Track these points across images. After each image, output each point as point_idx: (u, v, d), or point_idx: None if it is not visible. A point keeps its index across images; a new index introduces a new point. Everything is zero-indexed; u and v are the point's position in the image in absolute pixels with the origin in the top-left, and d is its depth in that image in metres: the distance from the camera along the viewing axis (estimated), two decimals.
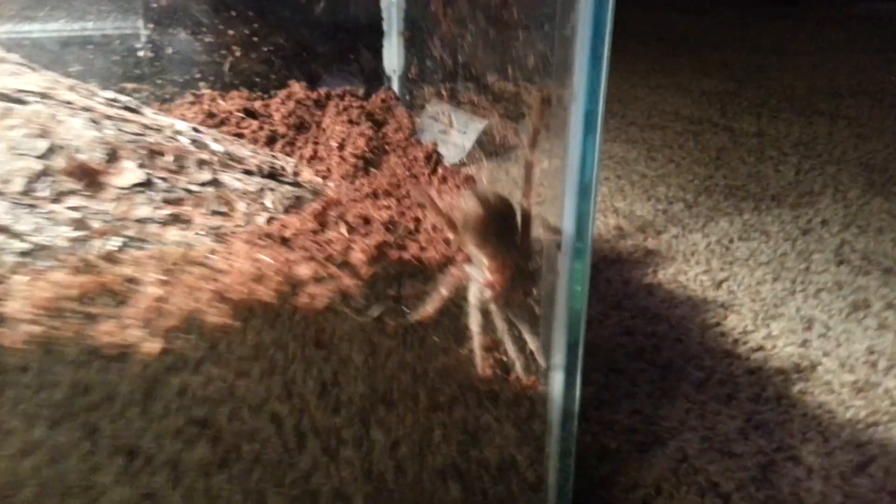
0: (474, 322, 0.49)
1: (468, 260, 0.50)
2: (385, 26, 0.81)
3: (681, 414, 0.73)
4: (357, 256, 0.45)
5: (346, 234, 0.47)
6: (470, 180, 0.61)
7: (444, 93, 0.75)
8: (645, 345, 0.85)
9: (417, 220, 0.52)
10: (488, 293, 0.49)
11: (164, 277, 0.39)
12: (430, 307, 0.47)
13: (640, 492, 0.63)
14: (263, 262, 0.42)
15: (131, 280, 0.39)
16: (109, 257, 0.41)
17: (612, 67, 0.41)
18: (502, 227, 0.50)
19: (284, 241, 0.46)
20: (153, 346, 0.37)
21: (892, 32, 2.94)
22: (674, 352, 0.84)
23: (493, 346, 0.49)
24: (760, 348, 0.85)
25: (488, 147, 0.73)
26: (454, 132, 1.50)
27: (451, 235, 0.51)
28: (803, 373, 0.81)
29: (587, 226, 0.41)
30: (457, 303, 0.49)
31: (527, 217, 0.50)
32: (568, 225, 0.42)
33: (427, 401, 0.47)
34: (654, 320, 0.90)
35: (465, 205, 0.50)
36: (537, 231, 0.50)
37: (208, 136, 0.62)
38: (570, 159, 0.41)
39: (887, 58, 2.48)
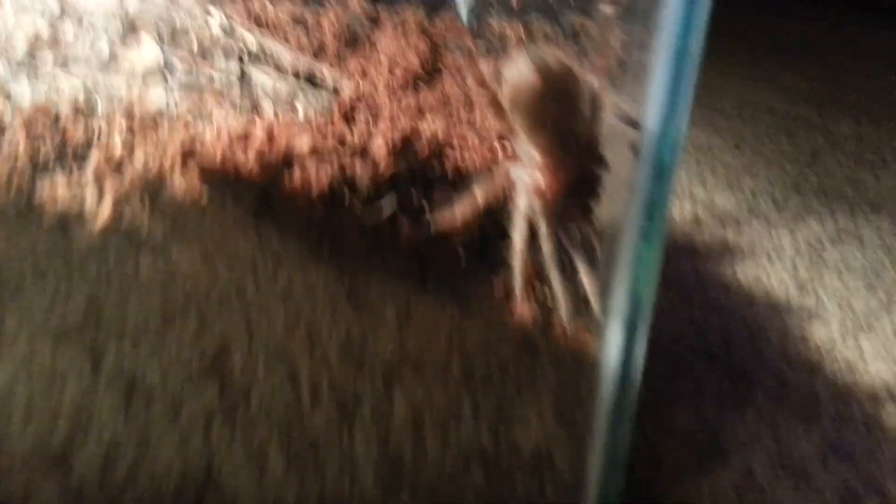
0: (519, 237, 0.38)
1: (517, 160, 0.39)
2: None
3: (751, 427, 0.63)
4: (378, 146, 0.35)
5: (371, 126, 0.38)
6: None
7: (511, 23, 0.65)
8: (715, 345, 0.74)
9: (464, 138, 0.43)
10: (537, 201, 0.38)
11: (128, 135, 0.31)
12: (458, 214, 0.37)
13: None
14: (253, 125, 0.33)
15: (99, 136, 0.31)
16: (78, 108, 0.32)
17: (702, 62, 0.31)
18: (564, 108, 0.38)
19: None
20: (102, 211, 0.29)
21: None
22: (748, 356, 0.73)
23: (535, 276, 0.39)
24: (848, 365, 0.74)
25: None
26: None
27: (494, 118, 0.40)
28: None
29: (682, 113, 0.30)
30: (498, 219, 0.38)
31: (597, 100, 0.38)
32: (653, 118, 0.31)
33: (443, 341, 0.38)
34: (728, 319, 0.79)
35: (514, 72, 0.38)
36: (609, 122, 0.38)
37: (243, 28, 0.53)
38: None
39: None
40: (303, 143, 0.34)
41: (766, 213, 1.10)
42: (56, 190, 0.33)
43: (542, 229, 0.39)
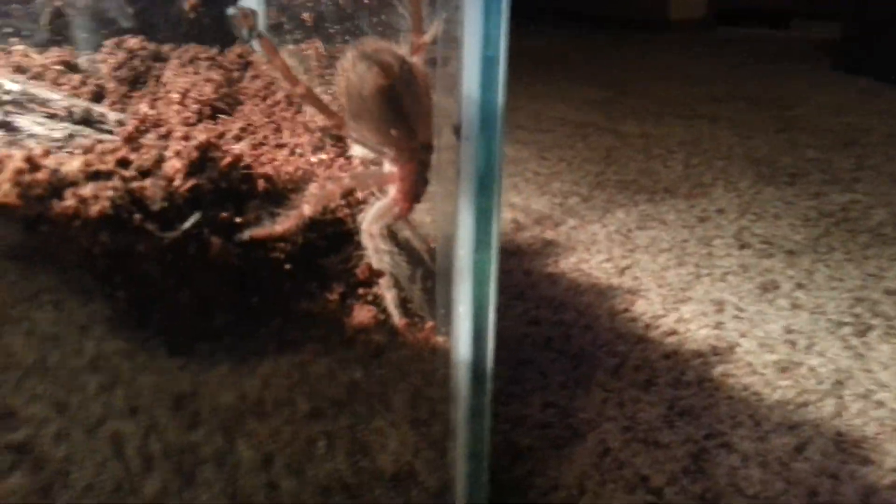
0: (378, 254, 0.36)
1: (350, 167, 0.38)
2: None
3: (598, 404, 0.64)
4: (171, 165, 0.33)
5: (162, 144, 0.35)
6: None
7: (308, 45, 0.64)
8: (553, 334, 0.76)
9: (273, 157, 0.41)
10: (397, 208, 0.37)
11: None
12: (280, 225, 0.35)
13: (561, 493, 0.53)
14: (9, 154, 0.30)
15: None
16: None
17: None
18: (409, 104, 0.36)
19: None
20: None
21: (753, 49, 3.06)
22: (584, 339, 0.75)
23: (372, 279, 0.38)
24: (673, 332, 0.78)
25: None
26: None
27: (320, 114, 0.38)
28: (722, 354, 0.74)
29: (495, 93, 0.30)
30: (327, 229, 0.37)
31: (422, 81, 0.38)
32: (470, 96, 0.31)
33: (284, 368, 0.35)
34: (560, 309, 0.82)
35: (354, 72, 0.37)
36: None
37: (5, 77, 0.48)
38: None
39: (755, 70, 2.56)
40: (73, 165, 0.30)
41: (576, 209, 1.16)
42: None
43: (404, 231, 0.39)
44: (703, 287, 0.89)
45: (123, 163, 0.32)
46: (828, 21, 2.88)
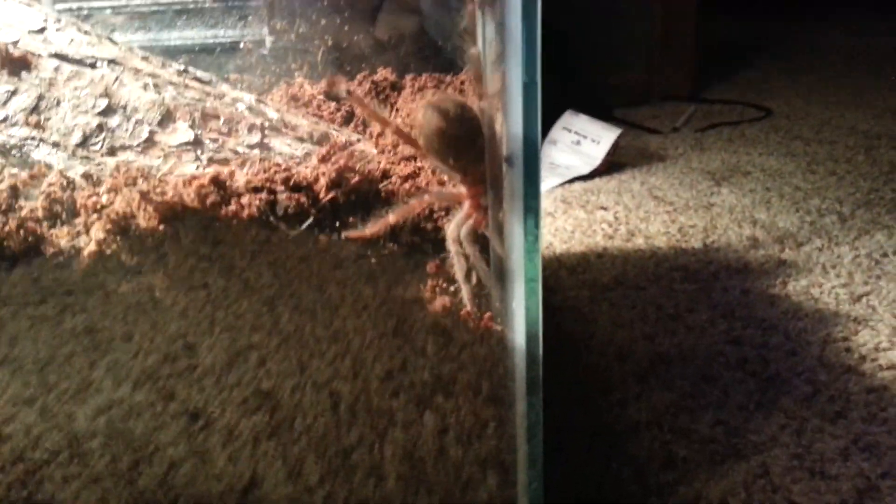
0: (458, 256, 0.45)
1: (440, 186, 0.48)
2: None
3: (774, 429, 0.64)
4: (320, 183, 0.44)
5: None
6: None
7: None
8: (750, 355, 0.76)
9: (416, 173, 0.51)
10: (472, 220, 0.46)
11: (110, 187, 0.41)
12: (368, 229, 0.45)
13: None
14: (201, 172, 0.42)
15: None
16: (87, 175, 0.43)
17: (783, 86, 0.36)
18: (468, 138, 0.46)
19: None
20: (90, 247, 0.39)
21: None
22: (783, 365, 0.74)
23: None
24: (892, 366, 0.73)
25: None
26: (587, 142, 1.45)
27: (412, 151, 0.49)
28: None
29: (534, 129, 0.37)
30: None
31: (490, 124, 0.46)
32: (514, 128, 0.37)
33: (363, 334, 0.45)
34: (769, 331, 0.80)
35: (422, 118, 0.47)
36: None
37: (269, 107, 0.63)
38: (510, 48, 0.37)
39: None
40: (239, 180, 0.43)
41: (828, 230, 1.09)
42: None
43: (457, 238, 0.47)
44: None
45: (285, 180, 0.45)
46: None
